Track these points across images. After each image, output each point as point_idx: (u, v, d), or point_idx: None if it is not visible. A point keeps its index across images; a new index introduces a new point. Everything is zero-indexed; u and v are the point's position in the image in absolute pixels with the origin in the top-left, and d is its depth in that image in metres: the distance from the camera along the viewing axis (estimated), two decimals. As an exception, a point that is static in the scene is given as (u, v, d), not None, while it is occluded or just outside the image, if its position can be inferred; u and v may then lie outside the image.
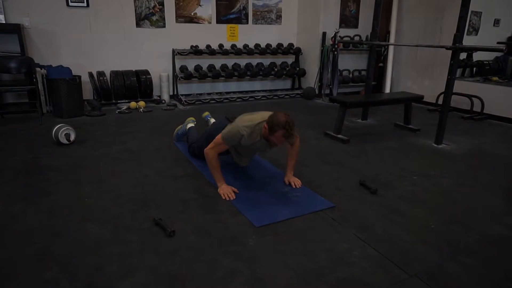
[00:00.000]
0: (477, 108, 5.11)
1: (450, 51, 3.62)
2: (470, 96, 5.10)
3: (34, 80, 4.42)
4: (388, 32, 6.31)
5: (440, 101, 5.56)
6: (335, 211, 2.40)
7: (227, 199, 2.51)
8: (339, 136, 3.94)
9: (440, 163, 3.37)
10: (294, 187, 2.73)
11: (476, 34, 5.77)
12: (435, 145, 3.86)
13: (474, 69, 6.04)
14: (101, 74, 5.25)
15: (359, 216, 2.34)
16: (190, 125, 3.61)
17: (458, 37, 3.48)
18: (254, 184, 2.80)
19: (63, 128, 3.58)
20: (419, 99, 4.40)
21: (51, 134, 3.60)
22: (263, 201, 2.51)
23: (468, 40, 4.17)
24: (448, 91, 3.68)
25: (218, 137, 2.58)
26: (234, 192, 2.58)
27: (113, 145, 3.66)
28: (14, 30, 4.55)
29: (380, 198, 2.60)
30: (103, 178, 2.86)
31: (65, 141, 3.58)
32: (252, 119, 2.53)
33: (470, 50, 4.69)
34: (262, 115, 2.54)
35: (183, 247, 1.96)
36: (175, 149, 3.57)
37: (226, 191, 2.58)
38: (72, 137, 3.63)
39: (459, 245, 2.04)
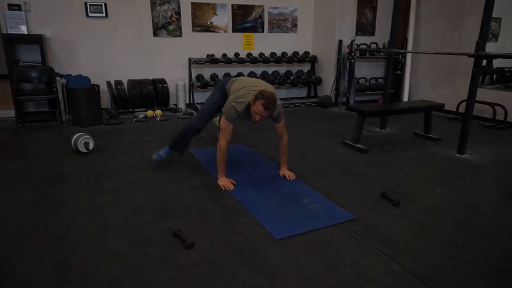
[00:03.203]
0: (499, 116, 4.97)
1: (471, 59, 3.53)
2: (492, 104, 4.96)
3: (54, 89, 4.50)
4: (406, 39, 6.22)
5: (461, 109, 5.46)
6: (356, 224, 2.34)
7: (227, 189, 2.80)
8: (358, 145, 3.87)
9: (463, 174, 3.26)
10: (288, 179, 3.02)
11: (496, 41, 5.63)
12: (458, 155, 3.76)
13: (494, 76, 5.88)
14: (118, 83, 5.32)
15: (381, 229, 2.27)
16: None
17: (480, 44, 3.40)
18: (273, 195, 2.75)
19: (82, 137, 3.62)
20: (439, 107, 4.30)
21: (71, 143, 3.64)
22: (282, 212, 2.47)
23: (488, 47, 4.08)
24: (471, 99, 3.58)
25: (222, 120, 2.81)
26: (233, 184, 2.87)
27: (131, 154, 3.67)
28: (36, 40, 4.67)
29: (402, 211, 2.53)
30: (121, 187, 2.86)
31: (84, 150, 3.61)
32: (244, 97, 2.77)
33: (493, 57, 4.58)
34: (251, 87, 2.82)
35: (203, 260, 1.93)
36: (193, 158, 3.56)
37: (225, 182, 2.85)
38: (91, 146, 3.66)
39: (488, 262, 1.95)
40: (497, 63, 5.80)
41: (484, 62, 5.64)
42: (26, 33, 4.73)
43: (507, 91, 5.18)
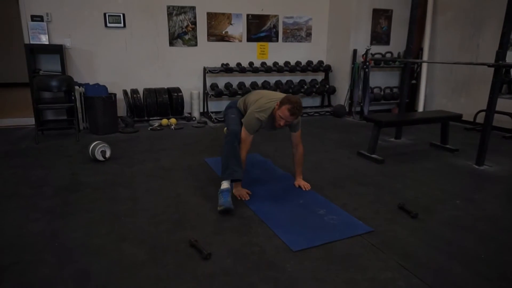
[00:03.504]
0: (519, 127, 4.87)
1: (488, 68, 3.48)
2: (511, 115, 4.86)
3: (73, 98, 4.60)
4: (421, 49, 6.17)
5: (478, 120, 5.37)
6: (374, 236, 2.30)
7: (242, 199, 2.77)
8: (374, 156, 3.83)
9: (483, 186, 3.20)
10: (304, 189, 3.01)
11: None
12: (476, 167, 3.68)
13: (512, 86, 5.77)
14: (134, 91, 5.39)
15: (400, 243, 2.23)
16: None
17: (501, 53, 3.35)
18: (289, 206, 2.74)
19: (100, 145, 3.68)
20: (457, 118, 4.23)
21: (88, 151, 3.69)
22: (299, 224, 2.45)
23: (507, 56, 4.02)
24: (491, 109, 3.52)
25: (242, 132, 2.78)
26: (248, 194, 2.84)
27: (146, 162, 3.71)
28: (57, 50, 4.78)
29: (421, 223, 2.48)
30: (138, 196, 2.89)
31: (101, 158, 3.66)
32: (266, 106, 2.76)
33: (512, 67, 4.49)
34: (270, 97, 2.84)
35: (220, 271, 1.92)
36: (208, 167, 3.57)
37: (241, 192, 2.83)
38: (108, 154, 3.71)
39: (513, 278, 1.90)
40: None
41: (502, 71, 5.57)
42: (48, 43, 4.86)
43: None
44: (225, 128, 4.01)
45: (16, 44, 8.33)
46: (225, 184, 2.68)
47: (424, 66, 6.09)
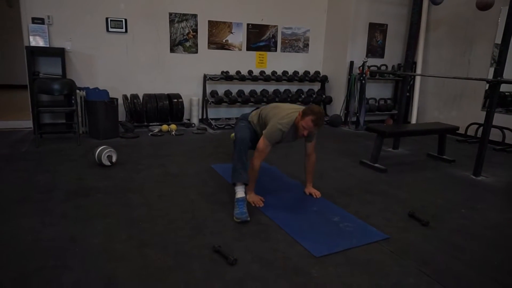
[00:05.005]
0: (508, 140, 5.09)
1: (479, 83, 3.65)
2: (502, 128, 5.09)
3: (73, 101, 4.54)
4: (414, 63, 6.39)
5: (469, 132, 5.59)
6: (391, 243, 2.38)
7: (256, 205, 2.83)
8: (376, 165, 3.93)
9: (483, 196, 3.33)
10: (315, 197, 3.07)
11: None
12: (474, 177, 3.83)
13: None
14: (135, 97, 5.37)
15: (417, 249, 2.31)
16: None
17: (499, 70, 3.53)
18: (303, 213, 2.79)
19: (106, 150, 3.64)
20: (454, 130, 4.41)
21: (94, 155, 3.65)
22: (316, 230, 2.50)
23: (492, 72, 4.23)
24: (488, 123, 3.69)
25: (261, 142, 2.81)
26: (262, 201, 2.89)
27: (153, 168, 3.69)
28: (58, 53, 4.73)
29: (433, 231, 2.57)
30: (151, 202, 2.88)
31: (107, 163, 3.63)
32: (289, 117, 2.79)
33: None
34: (289, 108, 2.89)
35: (248, 277, 1.95)
36: (216, 173, 3.59)
37: (255, 199, 2.89)
38: (114, 159, 3.68)
39: (527, 284, 2.00)
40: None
41: (487, 86, 5.83)
42: (48, 46, 4.79)
43: (509, 114, 5.30)
44: (232, 134, 4.07)
45: (11, 45, 8.19)
46: (240, 193, 2.72)
47: (418, 80, 6.31)
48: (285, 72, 6.36)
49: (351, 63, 6.23)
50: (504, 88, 5.87)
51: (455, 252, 2.30)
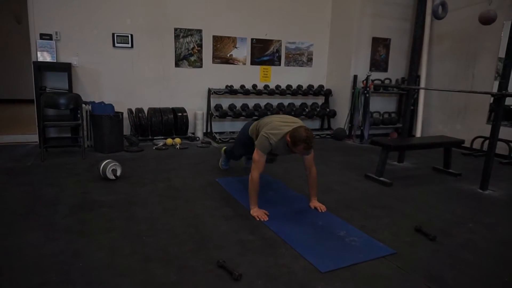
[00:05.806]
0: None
1: (483, 96, 3.64)
2: (508, 142, 5.05)
3: (79, 115, 4.58)
4: (418, 77, 6.41)
5: (475, 145, 5.55)
6: (397, 258, 2.34)
7: (261, 220, 2.81)
8: (381, 178, 3.91)
9: (491, 210, 3.29)
10: (320, 211, 3.05)
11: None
12: (481, 191, 3.79)
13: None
14: (140, 110, 5.41)
15: (424, 265, 2.27)
16: (224, 148, 4.18)
17: (503, 84, 3.52)
18: (308, 227, 2.76)
19: (111, 164, 3.65)
20: (459, 143, 4.39)
21: (99, 169, 3.66)
22: (322, 245, 2.47)
23: (496, 85, 4.24)
24: (494, 137, 3.66)
25: (255, 153, 2.87)
26: (266, 215, 2.87)
27: (157, 182, 3.69)
28: (65, 68, 4.80)
29: (440, 246, 2.53)
30: (155, 216, 2.86)
31: (112, 177, 3.63)
32: (279, 129, 2.83)
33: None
34: (281, 121, 2.93)
35: (254, 292, 1.92)
36: (220, 187, 3.58)
37: (259, 213, 2.87)
38: (118, 173, 3.69)
39: (539, 301, 1.95)
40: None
41: (491, 100, 5.82)
42: (55, 61, 4.87)
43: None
44: (224, 148, 4.20)
45: (19, 61, 8.33)
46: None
47: (422, 93, 6.31)
48: (289, 86, 6.40)
49: (355, 77, 6.26)
50: (509, 101, 5.88)
51: (463, 267, 2.26)
